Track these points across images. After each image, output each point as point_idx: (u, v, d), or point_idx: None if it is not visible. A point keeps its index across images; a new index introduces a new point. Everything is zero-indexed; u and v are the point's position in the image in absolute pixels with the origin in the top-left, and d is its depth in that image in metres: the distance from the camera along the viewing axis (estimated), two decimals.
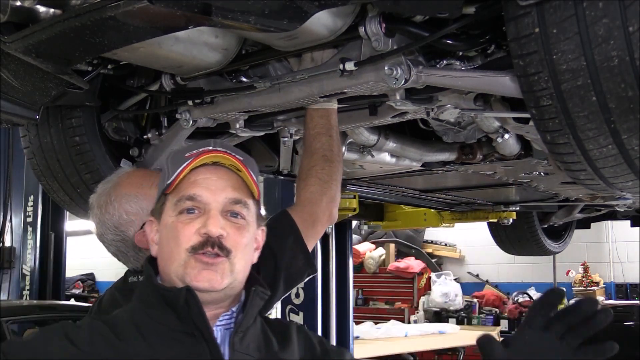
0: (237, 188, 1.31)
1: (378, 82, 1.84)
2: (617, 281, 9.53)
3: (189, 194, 1.28)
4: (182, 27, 1.52)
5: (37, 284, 7.43)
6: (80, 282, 12.74)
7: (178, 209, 1.29)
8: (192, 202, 1.28)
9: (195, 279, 1.24)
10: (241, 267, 1.30)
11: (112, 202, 1.83)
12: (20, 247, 7.29)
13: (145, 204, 1.81)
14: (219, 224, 1.26)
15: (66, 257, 8.01)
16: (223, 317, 1.31)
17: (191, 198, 1.28)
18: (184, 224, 1.27)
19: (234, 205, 1.30)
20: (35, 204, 7.41)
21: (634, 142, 1.48)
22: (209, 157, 1.31)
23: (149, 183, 1.87)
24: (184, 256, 1.25)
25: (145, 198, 1.83)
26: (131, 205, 1.82)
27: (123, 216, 1.82)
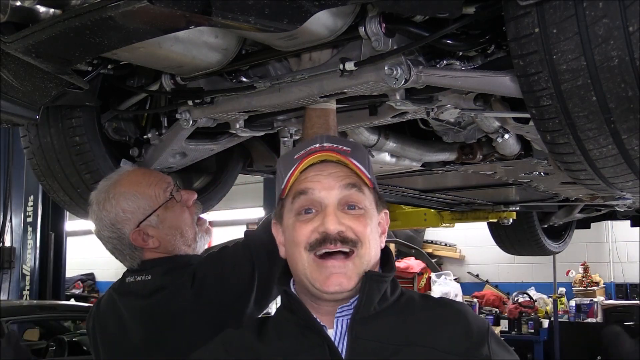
0: (348, 176, 1.32)
1: (378, 82, 1.84)
2: (617, 281, 9.53)
3: (301, 188, 1.31)
4: (182, 27, 1.52)
5: (37, 284, 7.45)
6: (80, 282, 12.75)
7: (295, 208, 1.31)
8: (305, 197, 1.30)
9: (324, 284, 1.26)
10: (369, 257, 1.29)
11: (109, 200, 1.85)
12: (20, 247, 7.30)
13: (142, 203, 1.85)
14: (336, 220, 1.27)
15: (66, 257, 8.03)
16: (341, 308, 1.31)
17: (303, 192, 1.30)
18: (303, 223, 1.29)
19: (349, 193, 1.30)
20: (35, 204, 7.43)
21: (634, 142, 1.48)
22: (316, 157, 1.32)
23: (147, 182, 1.89)
24: (305, 257, 1.27)
25: (142, 197, 1.86)
26: (128, 203, 1.84)
27: (120, 214, 1.84)
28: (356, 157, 1.34)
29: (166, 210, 1.88)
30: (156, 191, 1.89)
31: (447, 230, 10.46)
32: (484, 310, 9.58)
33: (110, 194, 1.86)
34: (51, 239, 7.62)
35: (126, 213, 1.84)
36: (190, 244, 1.92)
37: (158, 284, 1.82)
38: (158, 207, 1.87)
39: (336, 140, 1.39)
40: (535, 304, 9.35)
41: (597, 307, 8.90)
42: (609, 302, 9.02)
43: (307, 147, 1.37)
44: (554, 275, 8.78)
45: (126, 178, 1.90)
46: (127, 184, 1.88)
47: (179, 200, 1.92)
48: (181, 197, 1.93)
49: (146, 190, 1.88)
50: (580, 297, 9.24)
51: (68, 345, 5.31)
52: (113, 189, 1.87)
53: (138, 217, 1.85)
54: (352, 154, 1.34)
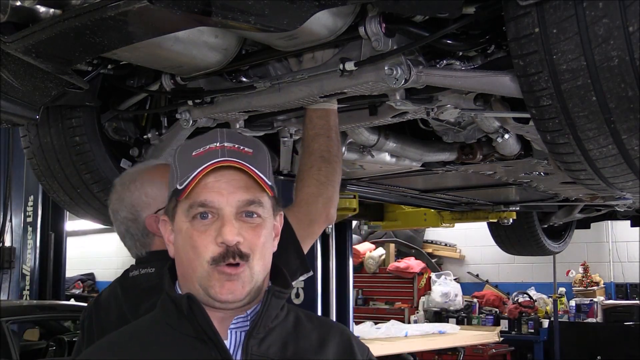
0: (248, 188, 1.28)
1: (378, 82, 1.84)
2: (617, 281, 9.52)
3: (201, 200, 1.26)
4: (182, 27, 1.52)
5: (37, 284, 7.43)
6: (80, 282, 12.74)
7: (191, 214, 1.27)
8: (204, 208, 1.26)
9: (219, 292, 1.24)
10: (260, 269, 1.28)
11: (135, 182, 1.91)
12: (20, 247, 7.29)
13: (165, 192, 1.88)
14: (234, 230, 1.24)
15: (66, 257, 8.02)
16: (237, 319, 1.29)
17: (203, 204, 1.26)
18: (200, 232, 1.25)
19: (248, 207, 1.27)
20: (35, 204, 7.41)
21: (634, 142, 1.48)
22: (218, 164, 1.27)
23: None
24: (206, 267, 1.24)
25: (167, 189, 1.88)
26: (152, 190, 1.90)
27: (142, 197, 1.89)
28: (257, 162, 1.31)
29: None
30: None
31: (447, 230, 10.44)
32: (484, 310, 9.58)
33: (137, 178, 1.92)
34: (51, 239, 7.61)
35: (148, 197, 1.89)
36: None
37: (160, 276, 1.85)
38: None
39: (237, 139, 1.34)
40: (535, 304, 9.34)
41: (597, 307, 8.89)
42: (609, 302, 9.01)
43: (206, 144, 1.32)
44: (554, 275, 8.78)
45: (156, 168, 1.96)
46: (156, 173, 1.93)
47: None
48: None
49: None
50: (580, 297, 9.23)
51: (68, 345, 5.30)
52: (141, 175, 1.93)
53: (158, 204, 1.88)
54: (254, 158, 1.31)
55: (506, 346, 8.59)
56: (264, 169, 1.33)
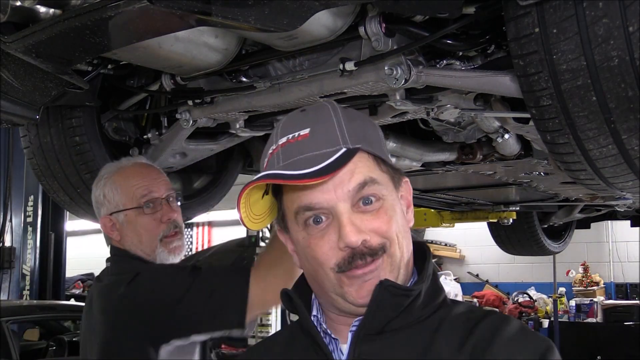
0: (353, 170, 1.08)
1: (378, 82, 1.84)
2: (617, 281, 9.52)
3: (306, 204, 1.09)
4: (182, 27, 1.52)
5: (37, 284, 7.44)
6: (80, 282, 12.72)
7: (301, 221, 1.11)
8: (313, 212, 1.09)
9: (359, 295, 1.08)
10: (401, 253, 1.11)
11: (101, 180, 2.02)
12: (20, 247, 7.30)
13: (118, 199, 2.00)
14: (355, 229, 1.06)
15: (66, 257, 8.02)
16: (357, 321, 1.12)
17: (309, 208, 1.09)
18: (317, 239, 1.09)
19: (362, 192, 1.08)
20: (35, 204, 7.42)
21: (634, 142, 1.48)
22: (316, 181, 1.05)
23: (134, 182, 2.00)
24: (333, 276, 1.08)
25: (122, 193, 2.00)
26: (108, 192, 2.00)
27: (101, 197, 2.01)
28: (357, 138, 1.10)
29: (136, 215, 1.98)
30: (135, 193, 1.99)
31: (447, 230, 10.44)
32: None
33: (106, 176, 2.02)
34: (51, 239, 7.61)
35: (105, 199, 2.00)
36: (149, 253, 1.99)
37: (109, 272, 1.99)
38: (128, 208, 1.98)
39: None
40: (535, 304, 9.35)
41: (597, 307, 8.90)
42: (609, 302, 9.01)
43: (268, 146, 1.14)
44: (554, 275, 8.78)
45: (126, 169, 2.03)
46: (122, 175, 2.01)
47: (152, 211, 1.99)
48: (157, 210, 1.99)
49: (128, 188, 2.00)
50: (580, 297, 9.24)
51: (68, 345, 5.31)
52: (109, 174, 2.02)
53: (111, 208, 2.00)
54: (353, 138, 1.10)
55: None
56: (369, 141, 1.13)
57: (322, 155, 1.07)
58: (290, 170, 1.06)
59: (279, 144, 1.12)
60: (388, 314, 1.08)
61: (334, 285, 1.09)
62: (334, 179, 1.07)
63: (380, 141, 1.18)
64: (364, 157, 1.10)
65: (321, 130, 1.11)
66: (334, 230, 1.08)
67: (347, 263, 1.07)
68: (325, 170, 1.04)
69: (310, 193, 1.08)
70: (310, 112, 1.16)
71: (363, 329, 1.09)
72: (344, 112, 1.14)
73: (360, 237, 1.06)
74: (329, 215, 1.09)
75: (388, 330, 1.09)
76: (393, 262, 1.09)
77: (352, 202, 1.08)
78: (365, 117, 1.22)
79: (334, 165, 1.05)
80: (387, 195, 1.11)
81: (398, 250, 1.10)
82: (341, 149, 1.08)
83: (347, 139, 1.10)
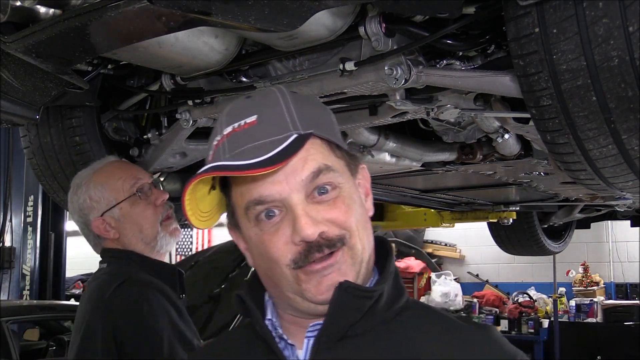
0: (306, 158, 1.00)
1: (378, 82, 1.84)
2: (617, 281, 9.52)
3: (255, 198, 1.00)
4: (182, 27, 1.52)
5: (37, 284, 7.44)
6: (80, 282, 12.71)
7: (252, 216, 1.02)
8: (264, 206, 1.00)
9: (319, 292, 1.00)
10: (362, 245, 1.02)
11: (82, 186, 1.99)
12: (20, 247, 7.30)
13: (108, 194, 1.98)
14: (311, 221, 0.98)
15: (66, 257, 8.02)
16: (313, 326, 1.04)
17: (260, 201, 1.00)
18: (271, 235, 1.00)
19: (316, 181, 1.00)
20: (35, 204, 7.42)
21: (634, 142, 1.48)
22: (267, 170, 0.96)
23: (118, 175, 2.01)
24: (289, 273, 1.00)
25: (109, 189, 1.98)
26: (95, 192, 1.97)
27: (87, 201, 1.97)
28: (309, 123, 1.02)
29: (130, 205, 1.98)
30: (124, 185, 1.99)
31: (447, 230, 10.44)
32: (484, 310, 9.58)
33: (84, 181, 2.00)
34: (51, 239, 7.61)
35: (92, 201, 1.97)
36: (149, 242, 1.99)
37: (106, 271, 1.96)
38: (121, 201, 1.97)
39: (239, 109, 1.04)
40: (535, 304, 9.34)
41: (597, 307, 8.89)
42: (609, 302, 9.01)
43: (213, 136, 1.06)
44: (554, 275, 8.77)
45: (103, 168, 2.03)
46: (101, 174, 2.00)
47: (145, 197, 2.00)
48: (149, 195, 2.00)
49: (115, 182, 1.99)
50: (580, 297, 9.23)
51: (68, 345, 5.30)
52: (89, 176, 2.00)
53: (102, 207, 1.97)
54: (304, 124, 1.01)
55: None
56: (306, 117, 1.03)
57: (271, 142, 0.98)
58: (236, 161, 0.98)
59: (224, 133, 1.04)
60: (350, 318, 1.00)
61: (291, 284, 1.01)
62: (286, 168, 0.99)
63: (334, 125, 1.10)
64: (316, 143, 1.02)
65: (269, 116, 1.02)
66: (288, 224, 0.99)
67: (304, 257, 0.98)
68: (275, 159, 0.96)
69: (260, 185, 1.00)
70: (256, 98, 1.08)
71: (323, 334, 1.00)
72: (293, 96, 1.06)
73: (317, 230, 0.98)
74: (282, 208, 1.00)
75: (350, 335, 1.01)
76: (354, 255, 1.01)
77: (306, 193, 1.00)
78: (316, 100, 1.14)
79: (284, 152, 0.97)
80: (344, 183, 1.03)
81: (359, 243, 1.02)
82: (292, 135, 0.99)
83: (297, 124, 1.01)
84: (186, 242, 12.57)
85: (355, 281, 1.01)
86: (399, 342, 1.01)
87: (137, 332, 1.77)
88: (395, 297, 1.06)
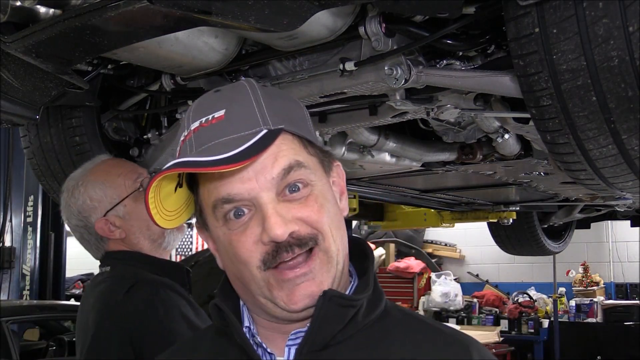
0: (276, 154, 0.96)
1: (378, 82, 1.84)
2: (617, 281, 9.52)
3: (223, 197, 0.96)
4: (182, 27, 1.52)
5: (37, 284, 7.43)
6: (80, 282, 12.72)
7: (220, 215, 0.97)
8: (232, 205, 0.96)
9: (291, 301, 0.95)
10: (336, 247, 0.98)
11: (78, 187, 1.87)
12: (20, 247, 7.29)
13: (110, 192, 1.87)
14: (281, 220, 0.93)
15: (66, 257, 8.02)
16: (295, 334, 1.00)
17: (228, 200, 0.96)
18: (239, 235, 0.96)
19: (287, 178, 0.96)
20: (35, 204, 7.41)
21: (634, 142, 1.48)
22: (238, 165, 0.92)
23: (117, 171, 1.91)
24: (260, 276, 0.95)
25: (110, 186, 1.88)
26: (96, 192, 1.86)
27: (87, 202, 1.85)
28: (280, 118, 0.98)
29: (135, 202, 1.87)
30: (125, 181, 1.89)
31: (447, 230, 10.45)
32: (484, 310, 9.58)
33: (80, 182, 1.87)
34: (51, 239, 7.61)
35: (93, 201, 1.85)
36: (157, 238, 1.90)
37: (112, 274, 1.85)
38: (125, 197, 1.86)
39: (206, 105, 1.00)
40: (535, 304, 9.35)
41: (597, 307, 8.90)
42: (609, 302, 9.01)
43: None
44: (554, 275, 8.77)
45: (98, 167, 1.93)
46: (97, 173, 1.89)
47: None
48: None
49: (115, 179, 1.89)
50: (580, 297, 9.24)
51: (68, 345, 5.31)
52: (84, 177, 1.89)
53: (105, 206, 1.85)
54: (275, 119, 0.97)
55: (506, 346, 8.59)
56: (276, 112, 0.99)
57: (240, 138, 0.94)
58: (203, 157, 0.92)
59: (191, 129, 0.99)
60: (334, 328, 0.96)
61: (261, 288, 0.96)
62: (255, 165, 0.94)
63: (306, 121, 1.05)
64: (287, 139, 0.97)
65: (238, 110, 0.98)
66: (257, 223, 0.94)
67: (272, 257, 0.94)
68: (244, 155, 0.91)
69: (229, 183, 0.95)
70: (225, 92, 1.03)
71: (306, 344, 0.96)
72: (264, 90, 1.01)
73: (287, 230, 0.93)
74: (251, 207, 0.95)
75: (333, 344, 0.97)
76: (329, 259, 0.97)
77: (276, 191, 0.95)
78: (287, 95, 1.09)
79: (254, 148, 0.92)
80: (316, 181, 0.98)
81: (333, 245, 0.97)
82: (262, 131, 0.95)
83: (267, 119, 0.97)
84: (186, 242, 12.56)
85: (331, 287, 0.97)
86: (378, 350, 0.98)
87: (155, 334, 1.68)
88: (375, 303, 1.02)
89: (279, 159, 0.95)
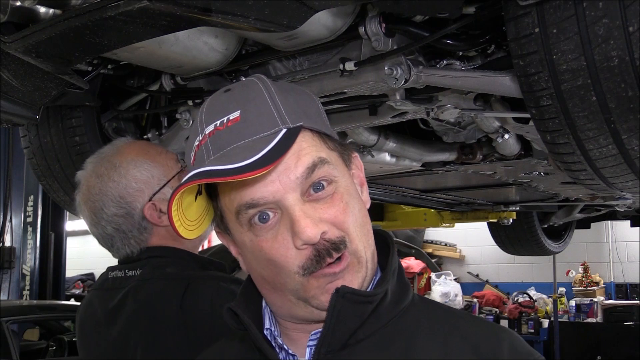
0: (298, 153, 0.92)
1: (378, 82, 1.84)
2: (617, 281, 9.52)
3: (247, 202, 0.92)
4: (182, 27, 1.52)
5: (37, 284, 7.44)
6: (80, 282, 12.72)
7: (245, 220, 0.93)
8: (257, 209, 0.92)
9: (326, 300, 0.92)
10: (362, 245, 0.95)
11: (117, 168, 1.59)
12: (20, 247, 7.30)
13: (156, 172, 1.61)
14: (310, 222, 0.89)
15: (66, 257, 8.02)
16: (315, 334, 0.97)
17: (252, 205, 0.91)
18: (270, 241, 0.92)
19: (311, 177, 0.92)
20: (35, 204, 7.42)
21: (634, 142, 1.48)
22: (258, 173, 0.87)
23: (156, 150, 1.68)
24: (299, 279, 0.92)
25: (155, 165, 1.62)
26: (141, 172, 1.59)
27: (131, 184, 1.58)
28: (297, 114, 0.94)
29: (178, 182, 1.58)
30: (168, 160, 1.65)
31: (447, 230, 10.45)
32: (484, 310, 9.58)
33: (117, 163, 1.59)
34: (51, 239, 7.62)
35: (139, 183, 1.58)
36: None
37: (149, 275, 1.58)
38: (172, 177, 1.62)
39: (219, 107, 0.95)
40: (535, 304, 9.35)
41: (597, 307, 8.90)
42: (609, 302, 9.01)
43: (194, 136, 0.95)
44: (554, 275, 8.78)
45: (130, 147, 1.65)
46: (135, 152, 1.62)
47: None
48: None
49: (157, 158, 1.64)
50: (580, 297, 9.24)
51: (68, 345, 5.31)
52: (119, 157, 1.61)
53: (153, 188, 1.59)
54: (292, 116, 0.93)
55: None
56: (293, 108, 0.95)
57: (260, 140, 0.90)
58: (224, 165, 0.88)
59: (206, 133, 0.94)
60: (350, 326, 0.92)
61: (297, 290, 0.93)
62: (278, 166, 0.90)
63: (321, 114, 1.00)
64: (307, 136, 0.94)
65: (253, 110, 0.93)
66: (286, 227, 0.91)
67: (315, 263, 0.91)
68: (267, 159, 0.87)
69: (251, 187, 0.90)
70: (236, 91, 0.97)
71: (323, 345, 0.93)
72: (276, 85, 0.97)
73: (319, 230, 0.89)
74: (276, 210, 0.91)
75: (353, 343, 0.93)
76: (359, 259, 0.94)
77: (301, 191, 0.91)
78: (299, 88, 1.04)
79: (276, 150, 0.88)
80: (340, 176, 0.95)
81: (360, 244, 0.94)
82: (281, 130, 0.90)
83: (285, 117, 0.92)
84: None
85: (361, 286, 0.94)
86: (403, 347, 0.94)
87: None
88: (401, 295, 0.99)
89: (301, 157, 0.92)
